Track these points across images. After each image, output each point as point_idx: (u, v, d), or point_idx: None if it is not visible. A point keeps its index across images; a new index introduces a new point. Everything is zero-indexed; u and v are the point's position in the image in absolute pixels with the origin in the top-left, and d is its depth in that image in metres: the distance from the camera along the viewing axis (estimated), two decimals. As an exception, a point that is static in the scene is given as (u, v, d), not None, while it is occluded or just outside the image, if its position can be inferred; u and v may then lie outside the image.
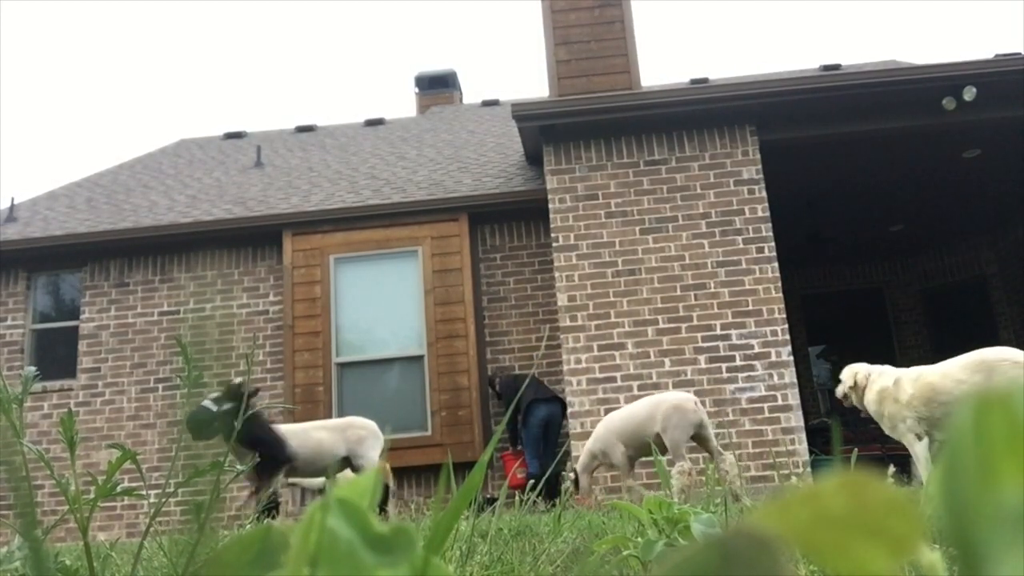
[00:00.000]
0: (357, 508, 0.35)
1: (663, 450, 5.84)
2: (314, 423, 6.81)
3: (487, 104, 15.55)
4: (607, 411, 7.59)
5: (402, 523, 0.36)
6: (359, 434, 6.53)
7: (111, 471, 0.90)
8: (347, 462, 6.46)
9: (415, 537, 0.35)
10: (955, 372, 5.26)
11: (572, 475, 6.37)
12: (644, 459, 6.91)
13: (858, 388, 5.68)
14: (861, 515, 0.24)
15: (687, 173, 8.25)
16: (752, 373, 7.70)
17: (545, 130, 8.38)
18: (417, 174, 10.79)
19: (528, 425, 8.16)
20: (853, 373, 5.77)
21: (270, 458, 5.82)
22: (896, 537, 0.24)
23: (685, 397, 6.09)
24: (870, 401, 5.59)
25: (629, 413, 6.17)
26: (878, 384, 5.53)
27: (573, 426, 7.72)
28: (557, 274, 8.10)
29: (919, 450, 5.28)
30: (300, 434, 6.41)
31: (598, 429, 6.30)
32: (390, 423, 8.67)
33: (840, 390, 5.86)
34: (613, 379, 7.76)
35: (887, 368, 5.69)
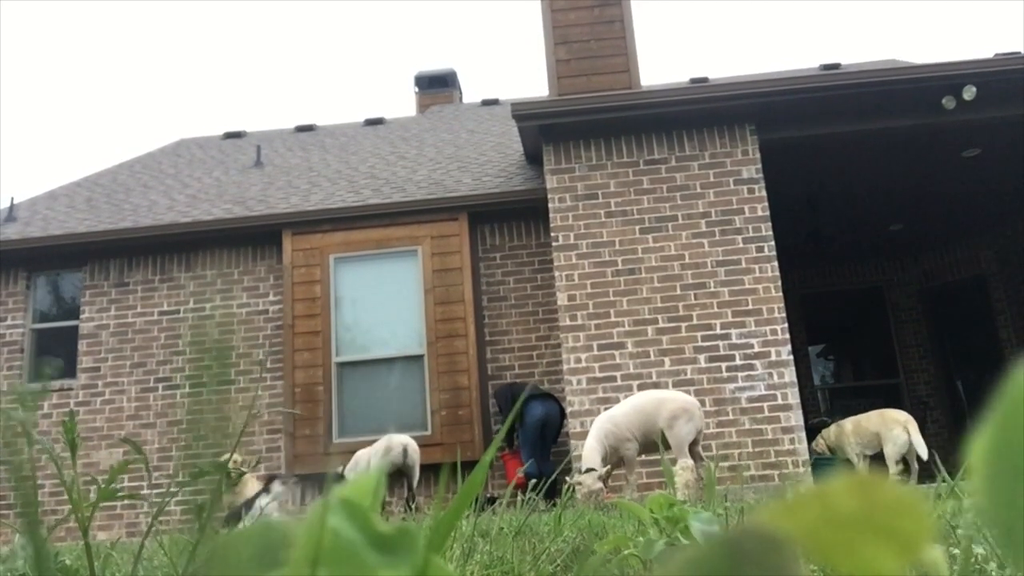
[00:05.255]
0: (360, 508, 0.35)
1: (660, 447, 5.87)
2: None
3: (487, 103, 15.54)
4: (607, 410, 7.57)
5: (405, 523, 0.36)
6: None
7: (115, 473, 0.90)
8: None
9: (418, 537, 0.34)
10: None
11: (582, 477, 6.18)
12: (646, 457, 6.90)
13: None
14: (870, 515, 0.24)
15: (687, 172, 8.24)
16: (752, 372, 7.70)
17: (545, 129, 8.38)
18: (417, 173, 10.79)
19: (524, 424, 8.14)
20: None
21: None
22: (905, 537, 0.24)
23: (693, 400, 6.21)
24: None
25: (634, 407, 6.14)
26: None
27: (573, 425, 7.71)
28: (557, 273, 8.10)
29: None
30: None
31: (604, 427, 6.14)
32: (390, 423, 8.67)
33: None
34: (613, 378, 7.76)
35: None
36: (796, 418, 7.59)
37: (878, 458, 7.36)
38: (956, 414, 11.99)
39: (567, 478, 6.21)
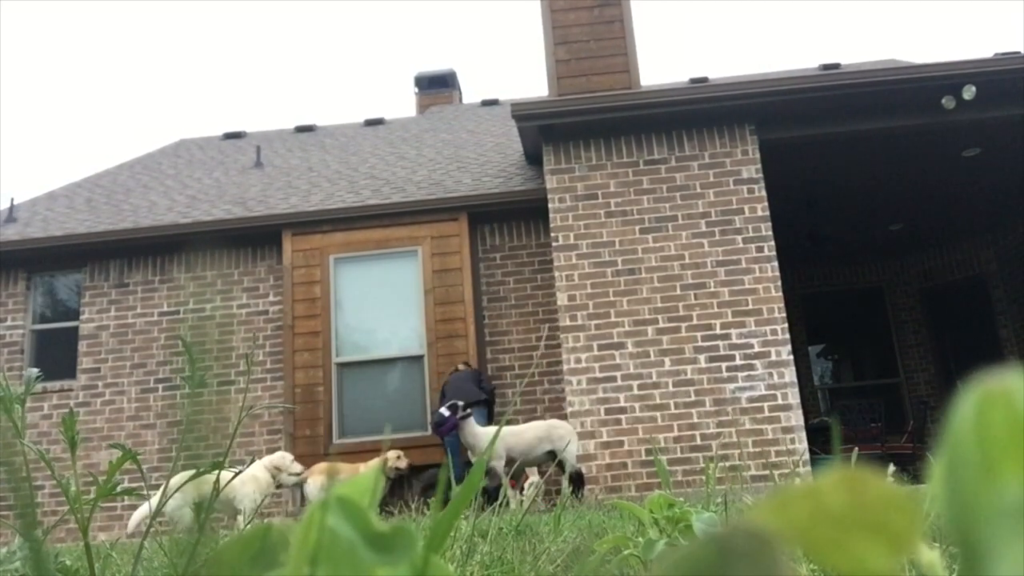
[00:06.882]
0: (357, 507, 0.35)
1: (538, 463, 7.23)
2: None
3: (487, 104, 15.55)
4: (607, 410, 7.63)
5: (402, 522, 0.36)
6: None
7: (111, 471, 0.90)
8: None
9: (415, 536, 0.35)
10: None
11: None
12: (643, 459, 6.94)
13: None
14: (860, 511, 0.24)
15: (687, 172, 8.24)
16: (752, 372, 7.70)
17: (545, 129, 8.38)
18: (417, 174, 10.79)
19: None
20: None
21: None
22: (895, 533, 0.24)
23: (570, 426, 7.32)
24: None
25: (519, 430, 7.10)
26: None
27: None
28: (557, 273, 8.10)
29: None
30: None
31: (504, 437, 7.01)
32: (390, 423, 8.68)
33: None
34: (613, 378, 7.77)
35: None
36: (796, 418, 7.59)
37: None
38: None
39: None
